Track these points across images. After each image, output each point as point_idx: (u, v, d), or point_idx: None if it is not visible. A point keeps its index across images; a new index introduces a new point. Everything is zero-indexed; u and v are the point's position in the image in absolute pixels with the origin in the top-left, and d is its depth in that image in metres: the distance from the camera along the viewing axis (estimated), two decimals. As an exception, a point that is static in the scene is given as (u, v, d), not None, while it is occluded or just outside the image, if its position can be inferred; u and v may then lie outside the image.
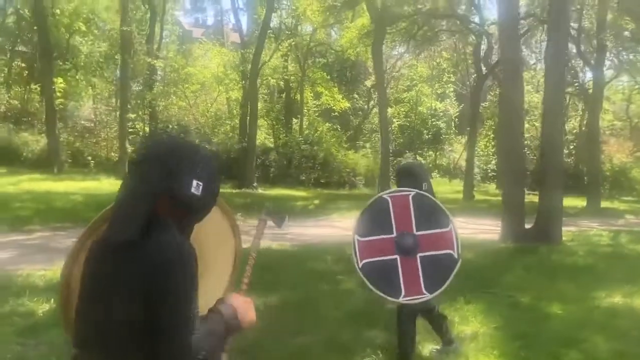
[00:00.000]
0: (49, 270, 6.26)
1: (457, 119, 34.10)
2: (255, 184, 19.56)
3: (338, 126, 28.57)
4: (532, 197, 12.97)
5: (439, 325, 3.97)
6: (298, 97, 26.88)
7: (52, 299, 5.10)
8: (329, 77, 27.73)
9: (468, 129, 25.27)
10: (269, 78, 24.22)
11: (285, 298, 5.69)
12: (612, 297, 6.02)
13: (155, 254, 1.33)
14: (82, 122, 25.36)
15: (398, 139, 32.83)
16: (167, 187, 1.43)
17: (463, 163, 27.87)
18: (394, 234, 3.13)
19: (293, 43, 24.83)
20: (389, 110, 31.05)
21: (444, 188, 27.38)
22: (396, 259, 3.10)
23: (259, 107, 23.19)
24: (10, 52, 23.90)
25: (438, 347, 4.07)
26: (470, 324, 4.90)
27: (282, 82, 26.26)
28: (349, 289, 6.22)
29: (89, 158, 22.56)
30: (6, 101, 22.40)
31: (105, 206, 1.59)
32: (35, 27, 21.13)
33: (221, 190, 1.68)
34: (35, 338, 4.19)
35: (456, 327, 4.81)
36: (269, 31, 22.57)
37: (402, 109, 32.46)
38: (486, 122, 31.09)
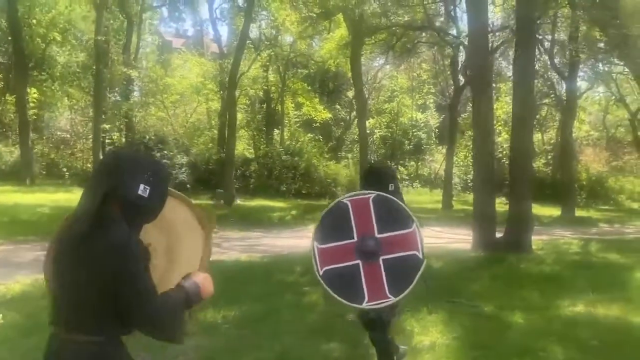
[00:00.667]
0: (3, 285, 6.09)
1: (437, 130, 34.36)
2: (234, 195, 19.38)
3: (320, 137, 28.59)
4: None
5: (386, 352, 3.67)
6: (279, 107, 26.84)
7: (1, 315, 4.94)
8: (310, 87, 27.76)
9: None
10: (248, 88, 24.16)
11: (247, 311, 5.59)
12: (575, 306, 6.03)
13: (105, 242, 1.64)
14: (58, 133, 25.07)
15: (380, 150, 32.97)
16: (114, 190, 1.71)
17: (443, 173, 28.04)
18: (355, 239, 3.02)
19: (273, 54, 24.86)
20: (371, 121, 31.23)
21: (425, 198, 27.52)
22: (358, 264, 2.99)
23: (239, 118, 23.12)
24: (-16, 62, 23.54)
25: None
26: (429, 334, 4.85)
27: (261, 93, 26.22)
28: (313, 301, 6.14)
29: (64, 169, 22.27)
30: (-20, 112, 22.02)
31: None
32: (10, 38, 20.87)
33: (198, 201, 1.99)
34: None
35: (415, 338, 4.78)
36: (248, 42, 22.56)
37: (384, 120, 32.62)
38: (465, 133, 31.39)
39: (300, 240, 11.72)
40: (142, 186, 1.74)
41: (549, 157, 29.81)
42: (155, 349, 4.32)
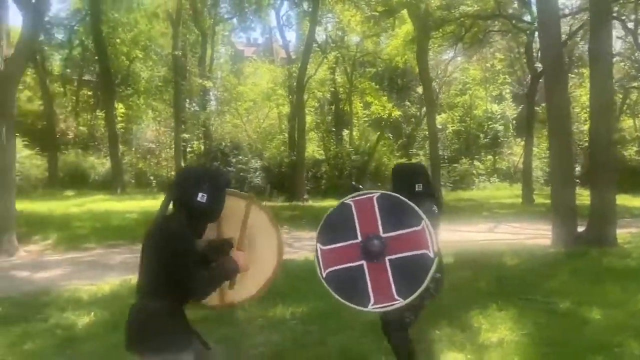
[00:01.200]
0: (95, 285, 6.66)
1: (515, 121, 32.89)
2: (305, 197, 19.76)
3: (390, 135, 28.39)
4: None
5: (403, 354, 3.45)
6: (347, 108, 26.98)
7: (93, 312, 5.44)
8: (378, 86, 27.64)
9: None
10: (316, 91, 24.51)
11: (314, 308, 5.73)
12: (663, 302, 5.61)
13: (166, 232, 2.27)
14: (144, 143, 26.75)
15: (453, 145, 32.17)
16: (179, 199, 2.36)
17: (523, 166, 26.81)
18: (359, 239, 2.91)
19: (339, 55, 25.04)
20: (443, 115, 30.55)
21: (504, 193, 26.50)
22: (362, 264, 2.87)
23: (308, 120, 23.52)
24: (77, 81, 25.63)
25: None
26: (498, 330, 4.73)
27: (329, 95, 26.48)
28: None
29: (151, 178, 23.74)
30: (74, 128, 24.00)
31: None
32: (97, 57, 22.59)
33: (271, 203, 3.19)
34: (73, 349, 4.47)
35: (482, 335, 4.69)
36: (315, 45, 22.90)
37: (456, 114, 31.78)
38: (546, 122, 29.77)
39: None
40: (200, 194, 2.33)
41: (642, 144, 27.62)
42: (230, 341, 4.61)
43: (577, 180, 23.34)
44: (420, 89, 28.92)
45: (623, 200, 18.96)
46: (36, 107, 23.53)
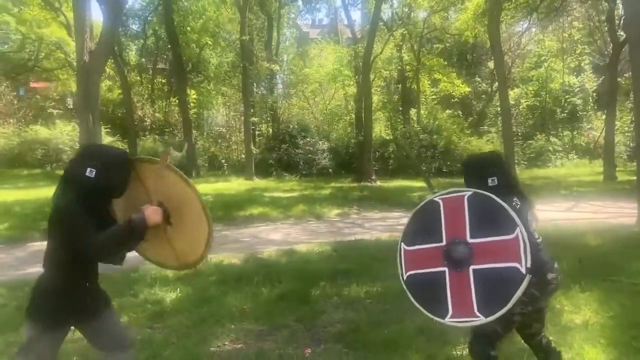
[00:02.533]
0: (178, 263, 7.05)
1: (595, 94, 30.87)
2: (373, 177, 19.71)
3: (459, 112, 27.60)
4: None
5: None
6: (414, 86, 26.44)
7: (179, 289, 5.78)
8: (446, 62, 26.87)
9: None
10: (382, 70, 24.18)
11: (388, 288, 5.75)
12: None
13: (54, 208, 2.40)
14: (216, 128, 27.67)
15: (528, 121, 30.77)
16: (68, 171, 2.45)
17: (604, 142, 25.21)
18: (443, 242, 2.63)
19: (406, 32, 24.50)
20: (516, 90, 29.25)
21: (583, 170, 25.14)
22: (444, 272, 2.60)
23: (375, 100, 23.31)
24: (152, 70, 26.84)
25: None
26: (581, 312, 4.57)
27: (396, 73, 26.05)
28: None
29: (223, 161, 24.59)
30: (151, 115, 25.22)
31: (231, 205, 3.33)
32: (169, 46, 23.50)
33: (339, 184, 3.08)
34: (162, 322, 4.79)
35: (565, 316, 4.55)
36: (380, 23, 22.53)
37: (531, 88, 30.31)
38: (630, 94, 27.73)
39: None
40: (88, 169, 2.38)
41: None
42: (306, 318, 4.75)
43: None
44: (491, 64, 27.81)
45: None
46: (115, 96, 24.94)
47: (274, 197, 14.18)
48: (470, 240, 2.56)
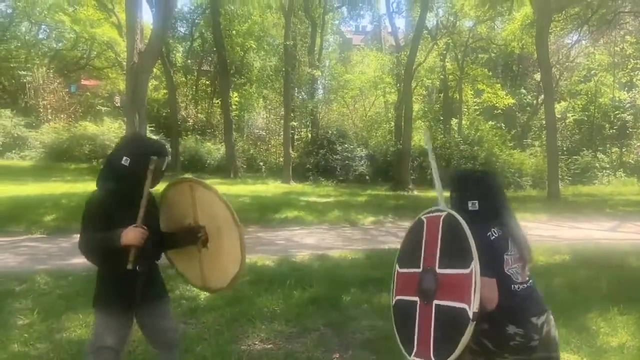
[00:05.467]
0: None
1: (647, 111, 29.69)
2: (410, 186, 19.55)
3: (502, 124, 27.07)
4: None
5: None
6: (457, 96, 26.11)
7: (212, 285, 5.91)
8: (490, 73, 26.43)
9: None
10: (425, 79, 24.00)
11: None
12: None
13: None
14: (255, 131, 28.07)
15: (574, 135, 29.88)
16: (108, 159, 2.61)
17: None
18: (420, 269, 2.33)
19: (450, 41, 24.25)
20: (563, 104, 28.48)
21: (632, 189, 24.15)
22: (416, 302, 2.29)
23: (415, 109, 23.16)
24: (197, 71, 27.50)
25: None
26: (618, 335, 4.42)
27: (438, 82, 25.80)
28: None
29: (261, 163, 24.92)
30: (194, 115, 25.81)
31: (267, 207, 3.56)
32: (214, 49, 24.03)
33: (376, 192, 3.19)
34: (196, 319, 4.90)
35: (601, 338, 4.41)
36: (425, 32, 22.39)
37: (578, 102, 29.42)
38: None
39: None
40: (124, 157, 2.51)
41: None
42: (336, 324, 4.77)
43: None
44: (537, 76, 27.19)
45: None
46: (160, 95, 25.68)
47: (310, 202, 14.23)
48: (438, 270, 2.23)
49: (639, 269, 7.21)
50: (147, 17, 22.36)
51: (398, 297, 2.42)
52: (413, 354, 2.25)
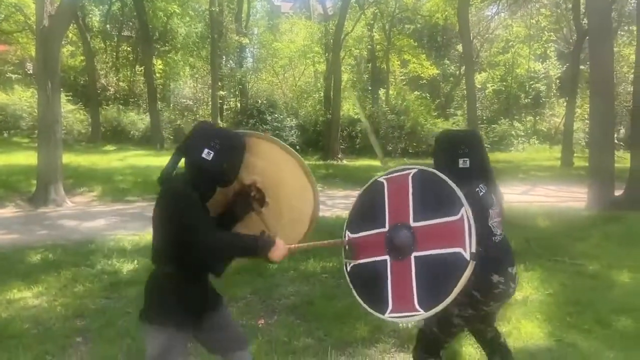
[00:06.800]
0: (137, 235, 7.05)
1: (559, 81, 31.67)
2: (340, 155, 19.86)
3: (427, 94, 27.92)
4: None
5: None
6: (384, 66, 26.53)
7: (136, 260, 5.80)
8: (417, 44, 26.99)
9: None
10: (353, 49, 24.14)
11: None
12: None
13: (167, 192, 2.09)
14: (182, 100, 27.12)
15: (493, 105, 31.39)
16: (183, 152, 2.16)
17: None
18: (386, 228, 2.33)
19: (377, 11, 24.45)
20: (483, 74, 29.71)
21: (543, 155, 25.93)
22: (386, 260, 2.29)
23: (344, 79, 23.30)
24: (117, 37, 25.99)
25: None
26: (523, 289, 4.82)
27: (366, 52, 26.04)
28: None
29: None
30: (115, 83, 24.51)
31: None
32: (134, 13, 22.77)
33: (306, 161, 2.39)
34: (118, 293, 4.83)
35: (507, 293, 4.79)
36: (352, 1, 22.40)
37: (497, 73, 30.83)
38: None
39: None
40: (205, 150, 2.09)
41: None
42: (262, 291, 4.87)
43: (621, 143, 22.71)
44: (460, 47, 28.10)
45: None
46: (78, 62, 24.08)
47: (239, 172, 14.14)
48: (412, 224, 2.25)
49: (545, 229, 7.85)
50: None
51: (357, 262, 2.41)
52: (388, 312, 2.25)
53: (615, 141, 12.45)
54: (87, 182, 11.47)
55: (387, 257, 2.28)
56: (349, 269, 2.46)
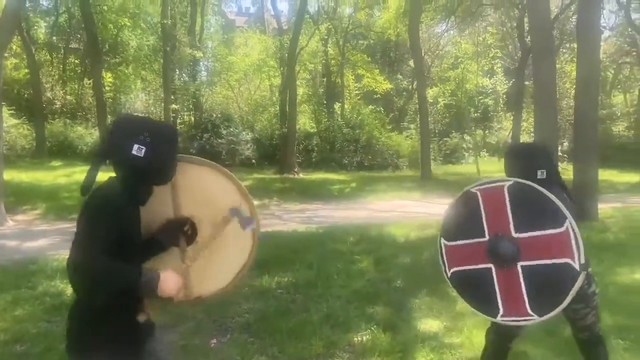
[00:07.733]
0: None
1: (506, 96, 32.94)
2: (296, 169, 19.84)
3: (381, 108, 28.41)
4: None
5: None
6: (339, 80, 26.84)
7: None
8: (370, 59, 27.49)
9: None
10: (308, 63, 24.32)
11: (299, 277, 5.88)
12: (635, 273, 5.82)
13: (83, 205, 1.76)
14: (134, 114, 26.42)
15: (444, 119, 32.23)
16: (106, 153, 1.85)
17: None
18: (486, 238, 2.48)
19: (331, 27, 24.77)
20: (434, 89, 30.50)
21: (492, 167, 26.70)
22: (490, 268, 2.46)
23: (300, 93, 23.38)
24: (63, 49, 25.14)
25: None
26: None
27: (321, 67, 26.29)
28: (363, 268, 6.37)
29: (141, 149, 23.51)
30: (62, 97, 23.66)
31: None
32: (83, 25, 22.13)
33: (262, 175, 2.19)
34: (61, 316, 4.57)
35: (460, 303, 4.79)
36: (307, 16, 22.61)
37: (448, 88, 31.73)
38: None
39: (356, 211, 11.99)
40: (135, 146, 1.77)
41: (632, 120, 27.81)
42: (213, 308, 4.73)
43: (565, 156, 23.77)
44: (412, 62, 28.83)
45: (610, 175, 19.30)
46: (22, 75, 23.14)
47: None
48: (515, 235, 2.39)
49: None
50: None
51: (456, 269, 2.62)
52: (500, 315, 2.46)
53: (559, 153, 13.05)
54: (30, 200, 10.96)
55: (490, 265, 2.46)
56: (449, 275, 2.66)
